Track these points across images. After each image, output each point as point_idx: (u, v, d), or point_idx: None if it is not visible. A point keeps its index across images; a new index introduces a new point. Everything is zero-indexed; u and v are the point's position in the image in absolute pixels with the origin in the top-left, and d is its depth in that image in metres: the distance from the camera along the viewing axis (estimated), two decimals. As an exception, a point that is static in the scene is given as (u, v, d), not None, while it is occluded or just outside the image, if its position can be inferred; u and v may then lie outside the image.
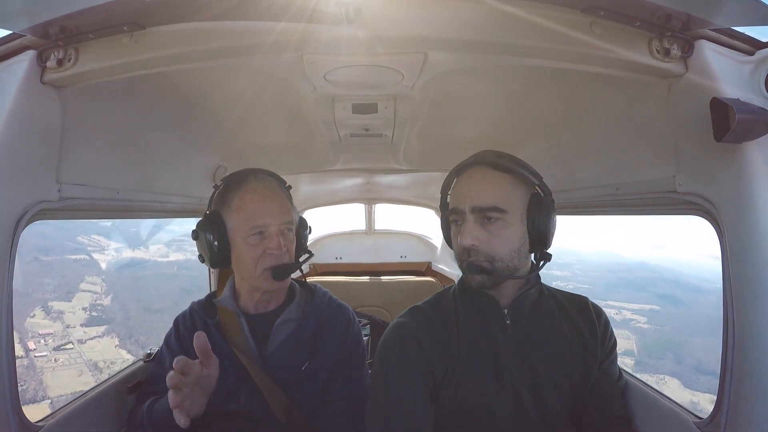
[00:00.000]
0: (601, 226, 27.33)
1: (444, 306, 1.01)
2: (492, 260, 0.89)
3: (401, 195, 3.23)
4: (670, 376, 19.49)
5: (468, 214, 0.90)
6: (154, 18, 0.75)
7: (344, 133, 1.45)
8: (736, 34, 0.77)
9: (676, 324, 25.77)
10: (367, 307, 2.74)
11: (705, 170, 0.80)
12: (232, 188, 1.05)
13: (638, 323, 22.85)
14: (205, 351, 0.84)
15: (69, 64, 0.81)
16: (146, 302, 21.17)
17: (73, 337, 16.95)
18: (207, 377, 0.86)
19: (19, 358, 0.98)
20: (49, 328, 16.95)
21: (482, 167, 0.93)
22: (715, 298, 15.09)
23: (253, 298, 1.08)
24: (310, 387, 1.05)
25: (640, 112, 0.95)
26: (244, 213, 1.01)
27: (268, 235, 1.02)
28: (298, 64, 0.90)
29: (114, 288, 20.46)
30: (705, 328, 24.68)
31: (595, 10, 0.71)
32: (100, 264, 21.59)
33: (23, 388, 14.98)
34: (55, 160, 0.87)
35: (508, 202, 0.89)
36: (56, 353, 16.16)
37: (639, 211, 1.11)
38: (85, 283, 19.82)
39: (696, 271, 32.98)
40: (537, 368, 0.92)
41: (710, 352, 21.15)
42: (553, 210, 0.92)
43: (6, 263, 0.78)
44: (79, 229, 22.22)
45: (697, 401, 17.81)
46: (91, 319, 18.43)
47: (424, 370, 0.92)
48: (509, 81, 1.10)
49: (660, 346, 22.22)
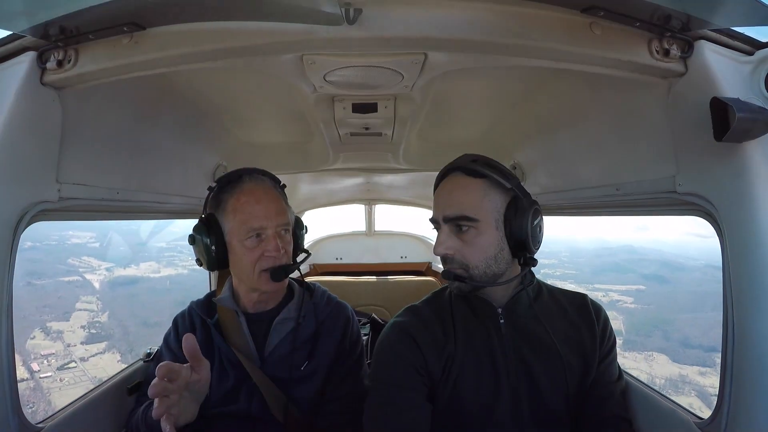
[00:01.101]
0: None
1: (440, 306, 1.01)
2: (466, 268, 0.89)
3: (401, 195, 3.23)
4: (658, 353, 19.56)
5: (441, 223, 0.91)
6: (154, 19, 0.75)
7: (344, 132, 1.45)
8: (736, 34, 0.77)
9: (662, 302, 26.20)
10: (367, 307, 2.75)
11: (705, 170, 0.80)
12: (227, 190, 1.04)
13: (625, 303, 22.98)
14: (194, 354, 0.79)
15: (69, 66, 0.80)
16: (143, 317, 21.49)
17: (75, 355, 17.17)
18: (198, 382, 0.81)
19: (25, 380, 0.97)
20: (51, 348, 17.20)
21: (457, 174, 0.92)
22: (699, 275, 15.51)
23: (251, 298, 1.08)
24: (308, 386, 1.05)
25: (639, 112, 0.95)
26: (240, 216, 1.00)
27: (266, 238, 1.01)
28: (298, 64, 0.90)
29: (109, 305, 20.86)
30: (691, 304, 25.29)
31: (595, 11, 0.71)
32: (93, 283, 21.98)
33: (32, 410, 15.06)
34: (55, 160, 0.87)
35: (479, 209, 0.88)
36: (60, 373, 16.37)
37: (639, 211, 1.11)
38: (80, 303, 20.24)
39: (680, 250, 33.91)
40: (534, 368, 0.92)
41: (696, 327, 21.65)
42: (532, 213, 0.88)
43: (6, 264, 0.78)
44: (68, 251, 22.70)
45: (685, 374, 18.10)
46: (90, 336, 18.84)
47: (421, 369, 0.92)
48: (509, 81, 1.10)
49: (647, 324, 22.46)
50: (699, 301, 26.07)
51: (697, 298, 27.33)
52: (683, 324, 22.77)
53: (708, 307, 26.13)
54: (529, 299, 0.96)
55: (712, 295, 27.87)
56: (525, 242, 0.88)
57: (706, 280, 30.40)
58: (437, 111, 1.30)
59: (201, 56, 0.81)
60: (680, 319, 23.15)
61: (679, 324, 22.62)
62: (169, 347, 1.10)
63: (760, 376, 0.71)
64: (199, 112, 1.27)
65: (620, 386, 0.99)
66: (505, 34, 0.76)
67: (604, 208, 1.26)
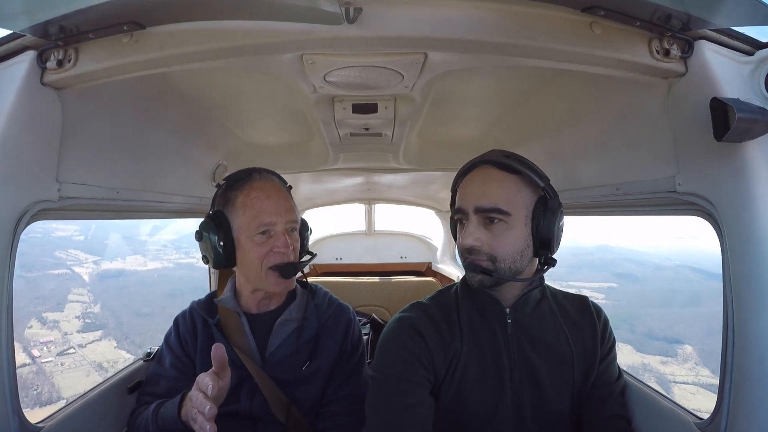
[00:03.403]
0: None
1: (446, 303, 1.00)
2: (494, 260, 0.88)
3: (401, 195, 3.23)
4: (623, 343, 20.87)
5: (471, 214, 0.89)
6: (154, 18, 0.75)
7: (344, 132, 1.45)
8: (736, 34, 0.77)
9: (631, 298, 28.28)
10: (367, 307, 2.75)
11: (705, 170, 0.80)
12: (236, 186, 1.04)
13: (596, 299, 26.31)
14: (223, 363, 0.81)
15: (69, 65, 0.80)
16: (134, 308, 21.87)
17: (73, 342, 17.45)
18: (222, 389, 0.83)
19: (27, 365, 0.98)
20: (49, 336, 17.51)
21: (489, 167, 0.92)
22: (671, 273, 16.12)
23: (255, 297, 1.08)
24: (310, 387, 1.05)
25: (639, 112, 0.95)
26: (250, 211, 1.00)
27: (275, 234, 1.01)
28: (298, 64, 0.90)
29: (100, 297, 21.22)
30: (659, 301, 27.28)
31: (595, 10, 0.71)
32: (82, 276, 22.26)
33: (37, 392, 15.34)
34: (55, 160, 0.87)
35: (511, 204, 0.88)
36: (61, 358, 16.63)
37: (639, 211, 1.11)
38: (72, 294, 20.53)
39: (657, 251, 35.49)
40: (537, 368, 0.92)
41: (661, 321, 23.44)
42: (560, 213, 0.89)
43: (6, 263, 0.78)
44: (53, 245, 23.01)
45: (647, 363, 19.64)
46: (85, 325, 19.27)
47: (427, 364, 0.91)
48: (509, 81, 1.10)
49: (615, 318, 24.37)
50: (667, 298, 27.31)
51: (666, 295, 28.85)
52: (649, 318, 24.47)
53: (676, 303, 27.29)
54: (536, 300, 0.97)
55: (681, 292, 28.98)
56: (550, 242, 0.89)
57: (677, 278, 31.34)
58: (437, 111, 1.30)
59: (201, 56, 0.81)
60: (647, 314, 24.93)
61: (644, 318, 24.33)
62: (170, 347, 1.10)
63: (760, 377, 0.71)
64: (199, 112, 1.27)
65: (620, 386, 1.00)
66: (505, 33, 0.76)
67: (604, 207, 1.26)
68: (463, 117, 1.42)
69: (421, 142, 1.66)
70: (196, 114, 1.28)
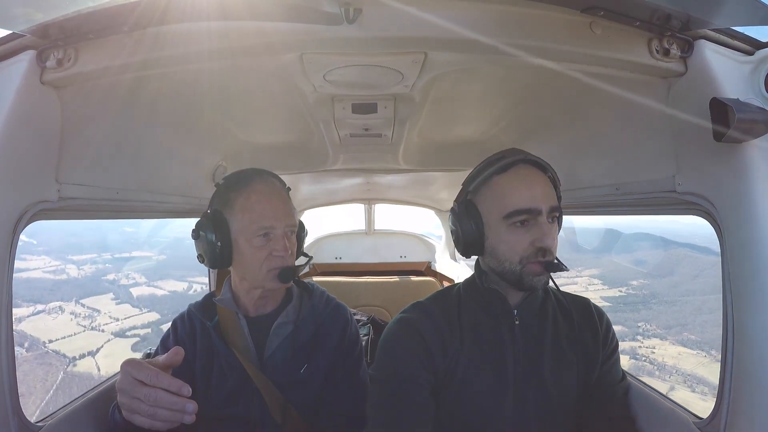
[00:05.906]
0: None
1: (447, 304, 1.00)
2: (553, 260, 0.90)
3: (401, 195, 3.23)
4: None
5: (545, 214, 0.88)
6: (154, 18, 0.75)
7: (344, 132, 1.44)
8: (736, 34, 0.77)
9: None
10: (366, 307, 2.75)
11: (705, 170, 0.80)
12: (236, 188, 1.03)
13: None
14: (175, 362, 0.78)
15: (69, 64, 0.80)
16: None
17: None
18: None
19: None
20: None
21: (529, 166, 0.92)
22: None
23: (253, 296, 1.07)
24: (307, 389, 1.05)
25: (639, 112, 0.95)
26: (249, 214, 1.00)
27: (274, 237, 1.01)
28: (298, 64, 0.90)
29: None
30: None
31: (595, 10, 0.71)
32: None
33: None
34: (55, 160, 0.87)
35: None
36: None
37: (639, 210, 1.11)
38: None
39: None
40: (541, 368, 0.92)
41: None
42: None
43: (6, 263, 0.78)
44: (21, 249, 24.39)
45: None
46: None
47: (427, 365, 0.92)
48: (509, 81, 1.10)
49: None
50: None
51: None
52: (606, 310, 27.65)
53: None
54: (541, 301, 0.98)
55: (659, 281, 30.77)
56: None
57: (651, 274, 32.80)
58: (437, 111, 1.29)
59: (201, 55, 0.81)
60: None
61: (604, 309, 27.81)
62: (167, 349, 1.09)
63: (760, 376, 0.71)
64: (199, 112, 1.27)
65: (623, 387, 1.00)
66: (505, 33, 0.76)
67: (603, 207, 1.26)
68: (462, 117, 1.42)
69: (421, 142, 1.66)
70: (195, 114, 1.27)
